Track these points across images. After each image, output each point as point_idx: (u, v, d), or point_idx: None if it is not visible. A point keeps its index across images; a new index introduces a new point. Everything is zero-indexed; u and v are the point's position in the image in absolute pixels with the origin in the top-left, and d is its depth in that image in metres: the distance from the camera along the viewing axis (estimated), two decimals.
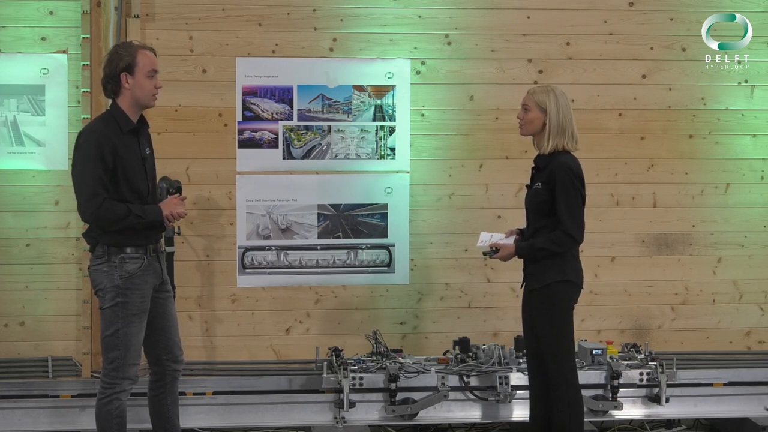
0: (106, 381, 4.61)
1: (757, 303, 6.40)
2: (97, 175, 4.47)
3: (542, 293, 4.82)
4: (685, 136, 6.29)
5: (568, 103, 4.84)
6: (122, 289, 4.55)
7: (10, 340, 5.88)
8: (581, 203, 4.79)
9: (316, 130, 6.03)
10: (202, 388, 5.74)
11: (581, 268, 4.89)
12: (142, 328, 4.63)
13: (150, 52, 4.63)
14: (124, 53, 4.58)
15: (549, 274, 4.79)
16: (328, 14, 6.01)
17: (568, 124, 4.81)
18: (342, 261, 6.09)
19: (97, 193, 4.46)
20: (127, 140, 4.59)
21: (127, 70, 4.55)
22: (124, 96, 4.60)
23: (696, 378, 6.03)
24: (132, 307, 4.57)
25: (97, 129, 4.57)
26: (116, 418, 4.60)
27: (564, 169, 4.73)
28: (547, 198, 4.78)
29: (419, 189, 6.13)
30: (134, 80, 4.56)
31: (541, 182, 4.81)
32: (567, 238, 4.74)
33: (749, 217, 6.36)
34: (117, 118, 4.59)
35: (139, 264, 4.60)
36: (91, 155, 4.48)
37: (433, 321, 6.18)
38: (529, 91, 4.91)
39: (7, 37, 5.79)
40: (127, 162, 4.56)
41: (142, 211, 4.56)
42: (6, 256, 5.85)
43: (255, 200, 6.00)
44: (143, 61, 4.58)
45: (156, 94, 4.66)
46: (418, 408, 5.65)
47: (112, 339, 4.57)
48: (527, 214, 4.96)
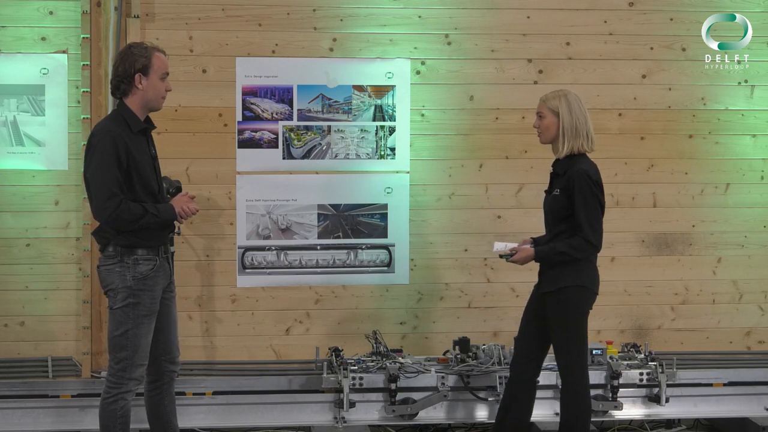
0: (112, 381, 4.61)
1: (757, 303, 6.40)
2: (114, 175, 4.46)
3: (555, 297, 4.83)
4: (685, 136, 6.29)
5: (581, 106, 4.86)
6: (134, 290, 4.55)
7: (10, 340, 5.88)
8: (600, 210, 4.82)
9: (316, 130, 6.03)
10: (201, 388, 5.74)
11: (597, 274, 4.91)
12: (151, 329, 4.64)
13: (163, 55, 4.66)
14: (139, 54, 4.58)
15: (564, 278, 4.81)
16: (328, 14, 6.01)
17: (582, 125, 4.83)
18: (342, 261, 6.09)
19: (115, 193, 4.46)
20: (137, 140, 4.61)
21: (142, 71, 4.56)
22: (134, 97, 4.60)
23: (696, 378, 6.04)
24: (143, 309, 4.57)
25: (111, 129, 4.54)
26: (120, 418, 4.61)
27: (582, 177, 4.75)
28: (566, 204, 4.80)
29: (419, 189, 6.13)
30: (148, 82, 4.58)
31: (560, 188, 4.83)
32: (586, 245, 4.77)
33: (749, 217, 6.36)
34: (126, 118, 4.60)
35: (152, 265, 4.60)
36: (107, 156, 4.47)
37: (433, 321, 6.18)
38: (541, 98, 4.92)
39: (7, 37, 5.79)
40: (140, 162, 4.57)
41: (157, 210, 4.58)
42: (6, 256, 5.85)
43: (255, 200, 6.00)
44: (158, 63, 4.61)
45: (164, 97, 4.68)
46: (418, 408, 5.65)
47: (121, 339, 4.57)
48: (546, 219, 4.98)
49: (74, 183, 5.82)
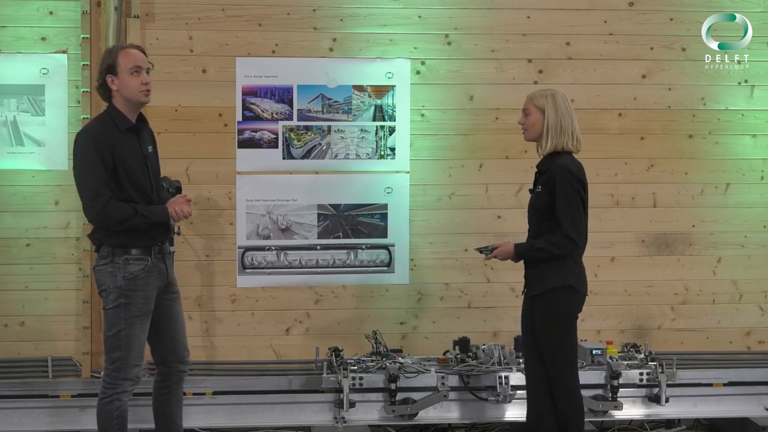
0: (107, 381, 4.61)
1: (757, 303, 6.40)
2: (98, 174, 4.48)
3: (545, 299, 4.80)
4: (685, 136, 6.29)
5: (567, 104, 4.84)
6: (125, 290, 4.56)
7: (10, 340, 5.88)
8: (581, 205, 4.77)
9: (316, 130, 6.03)
10: (202, 388, 5.74)
11: (584, 274, 4.87)
12: (145, 329, 4.64)
13: (133, 50, 4.64)
14: (106, 56, 4.65)
15: (550, 279, 4.78)
16: (328, 14, 6.01)
17: (567, 124, 4.80)
18: (342, 261, 6.09)
19: (101, 192, 4.47)
20: (125, 138, 4.60)
21: (109, 71, 4.59)
22: (115, 97, 4.64)
23: (696, 378, 6.04)
24: (134, 309, 4.57)
25: (93, 128, 4.60)
26: (117, 418, 4.61)
27: (563, 171, 4.72)
28: (548, 201, 4.77)
29: (419, 189, 6.13)
30: (119, 80, 4.59)
31: (542, 185, 4.81)
32: (566, 241, 4.73)
33: (749, 217, 6.36)
34: (113, 117, 4.62)
35: (143, 265, 4.60)
36: (89, 155, 4.50)
37: (433, 321, 6.18)
38: (528, 95, 4.91)
39: (7, 37, 5.79)
40: (128, 160, 4.57)
41: (148, 212, 4.58)
42: (6, 256, 5.85)
43: (255, 200, 6.00)
44: (124, 60, 4.59)
45: (144, 91, 4.62)
46: (418, 408, 5.65)
47: (114, 340, 4.57)
48: (529, 218, 4.95)
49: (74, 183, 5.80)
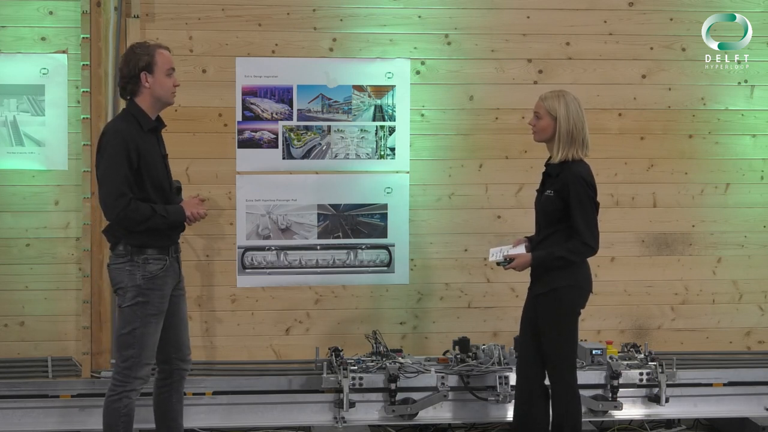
0: (117, 378, 4.63)
1: (757, 303, 6.40)
2: (124, 174, 4.49)
3: (549, 297, 4.82)
4: (684, 136, 6.29)
5: (579, 109, 4.82)
6: (143, 289, 4.58)
7: (10, 340, 5.88)
8: (596, 212, 4.82)
9: (315, 130, 6.03)
10: (202, 388, 5.74)
11: (589, 271, 4.90)
12: (159, 329, 4.66)
13: (167, 51, 4.70)
14: (142, 53, 4.62)
15: (558, 279, 4.80)
16: (328, 14, 6.01)
17: (579, 131, 4.79)
18: (342, 261, 6.09)
19: (124, 193, 4.49)
20: (148, 139, 4.64)
21: (146, 69, 4.60)
22: (143, 95, 4.64)
23: (696, 378, 6.04)
24: (151, 308, 4.60)
25: (121, 128, 4.58)
26: (124, 416, 4.62)
27: (578, 181, 4.73)
28: (559, 206, 4.78)
29: (419, 189, 6.13)
30: (154, 79, 4.61)
31: (554, 190, 4.80)
32: (585, 248, 4.76)
33: (749, 217, 6.36)
34: (137, 116, 4.63)
35: (162, 265, 4.63)
36: (119, 155, 4.50)
37: (433, 321, 6.18)
38: (540, 96, 4.90)
39: (7, 37, 5.79)
40: (150, 160, 4.60)
41: (166, 212, 4.60)
42: (6, 256, 5.85)
43: (255, 200, 6.00)
44: (162, 60, 4.64)
45: (174, 92, 4.72)
46: (418, 408, 5.65)
47: (128, 337, 4.58)
48: (537, 219, 4.97)
49: (74, 183, 5.82)
